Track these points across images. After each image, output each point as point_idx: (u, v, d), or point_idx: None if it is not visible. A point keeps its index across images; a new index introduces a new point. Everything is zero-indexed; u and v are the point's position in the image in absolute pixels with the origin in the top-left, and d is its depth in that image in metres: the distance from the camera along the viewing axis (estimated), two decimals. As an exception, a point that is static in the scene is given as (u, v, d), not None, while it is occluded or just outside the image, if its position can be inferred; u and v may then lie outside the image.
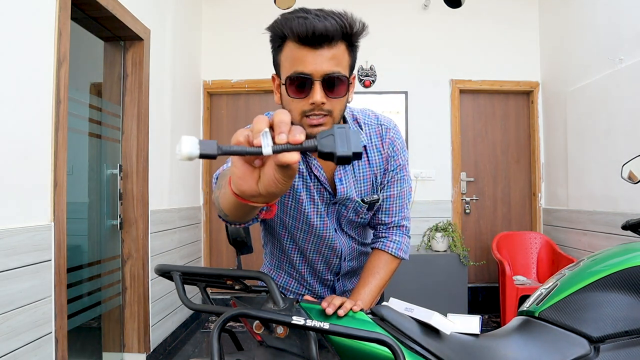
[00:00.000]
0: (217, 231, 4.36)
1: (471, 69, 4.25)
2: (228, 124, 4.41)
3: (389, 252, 1.20)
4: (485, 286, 4.24)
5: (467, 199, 4.30)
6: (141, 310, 2.81)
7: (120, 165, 2.81)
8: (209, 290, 1.11)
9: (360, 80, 4.22)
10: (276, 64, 1.01)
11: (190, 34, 3.94)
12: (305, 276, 1.27)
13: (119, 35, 2.77)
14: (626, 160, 1.44)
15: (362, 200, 1.16)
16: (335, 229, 1.19)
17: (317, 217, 1.15)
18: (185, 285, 0.95)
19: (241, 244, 1.08)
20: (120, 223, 2.79)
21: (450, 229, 3.78)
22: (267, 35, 1.00)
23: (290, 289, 1.31)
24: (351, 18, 0.94)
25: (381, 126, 1.17)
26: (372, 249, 1.24)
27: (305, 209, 1.13)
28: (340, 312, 0.94)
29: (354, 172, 1.14)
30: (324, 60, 0.92)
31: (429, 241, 3.82)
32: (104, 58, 2.84)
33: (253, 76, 4.24)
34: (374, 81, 4.23)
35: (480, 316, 1.02)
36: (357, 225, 1.23)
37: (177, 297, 2.88)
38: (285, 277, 1.31)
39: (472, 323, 0.99)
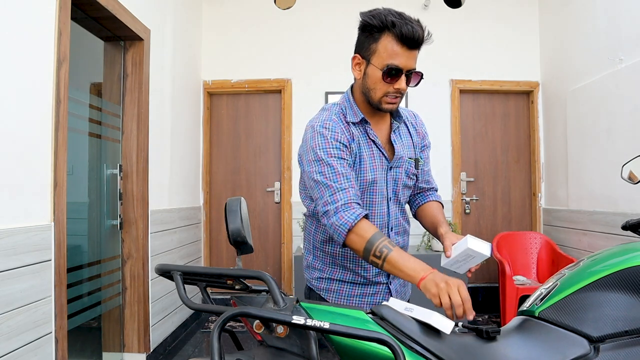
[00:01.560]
0: (217, 231, 4.36)
1: (471, 69, 4.25)
2: (228, 124, 4.41)
3: (440, 201, 1.57)
4: (485, 286, 4.24)
5: (467, 199, 4.30)
6: (141, 310, 2.81)
7: (120, 165, 2.81)
8: (209, 290, 1.11)
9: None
10: (366, 48, 1.27)
11: (190, 34, 3.94)
12: (360, 260, 1.37)
13: (119, 35, 2.77)
14: (626, 160, 1.44)
15: (410, 158, 1.44)
16: (389, 198, 1.40)
17: (380, 182, 1.37)
18: (185, 285, 0.95)
19: (241, 244, 1.07)
20: (120, 223, 2.79)
21: (451, 229, 3.77)
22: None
23: (347, 280, 1.40)
24: (427, 32, 1.25)
25: (412, 112, 1.56)
26: (421, 204, 1.55)
27: (368, 176, 1.35)
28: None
29: (401, 138, 1.44)
30: (411, 59, 1.25)
31: (429, 241, 3.82)
32: (104, 58, 2.84)
33: (253, 76, 4.24)
34: (374, 81, 4.23)
35: (490, 244, 1.20)
36: (407, 199, 1.49)
37: (177, 297, 2.88)
38: (341, 270, 1.41)
39: (484, 246, 1.17)
